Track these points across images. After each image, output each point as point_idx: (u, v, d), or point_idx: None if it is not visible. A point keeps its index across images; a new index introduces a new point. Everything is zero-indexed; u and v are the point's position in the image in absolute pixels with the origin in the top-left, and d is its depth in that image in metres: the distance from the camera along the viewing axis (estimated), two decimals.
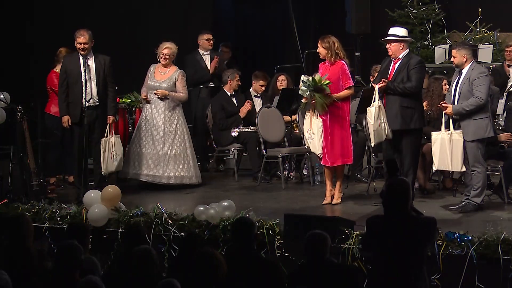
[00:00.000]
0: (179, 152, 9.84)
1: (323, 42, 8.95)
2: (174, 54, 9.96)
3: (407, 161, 8.68)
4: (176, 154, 9.82)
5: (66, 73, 9.31)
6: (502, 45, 14.08)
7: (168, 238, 7.85)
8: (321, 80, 8.73)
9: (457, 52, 8.57)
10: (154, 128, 9.81)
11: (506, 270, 6.90)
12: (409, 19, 15.13)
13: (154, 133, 9.80)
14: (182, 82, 9.90)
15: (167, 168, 9.78)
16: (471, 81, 8.43)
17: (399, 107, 8.73)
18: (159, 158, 9.78)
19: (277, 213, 8.06)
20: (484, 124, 8.45)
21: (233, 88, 10.96)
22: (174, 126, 9.85)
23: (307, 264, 6.12)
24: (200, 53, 11.45)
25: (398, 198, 5.90)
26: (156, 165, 9.78)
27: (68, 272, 5.66)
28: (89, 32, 9.23)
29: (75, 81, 9.25)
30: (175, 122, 9.87)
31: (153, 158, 9.78)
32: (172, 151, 9.81)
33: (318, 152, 8.93)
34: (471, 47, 8.91)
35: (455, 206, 8.66)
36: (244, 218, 6.83)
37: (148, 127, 9.86)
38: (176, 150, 9.83)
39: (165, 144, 9.79)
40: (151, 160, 9.79)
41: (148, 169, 9.78)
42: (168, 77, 9.89)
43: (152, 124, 9.83)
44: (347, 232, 7.33)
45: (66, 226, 7.64)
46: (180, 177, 9.85)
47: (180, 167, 9.85)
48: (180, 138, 9.85)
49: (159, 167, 9.78)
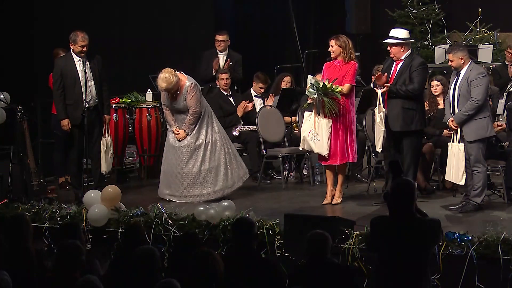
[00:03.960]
0: (214, 165, 9.23)
1: (338, 40, 8.88)
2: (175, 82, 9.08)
3: (407, 162, 8.69)
4: (211, 168, 9.21)
5: (62, 75, 9.19)
6: (502, 45, 14.09)
7: (168, 238, 7.85)
8: (332, 86, 8.70)
9: (453, 55, 8.55)
10: (182, 145, 9.20)
11: (506, 270, 6.90)
12: (409, 19, 15.14)
13: (183, 150, 9.20)
14: (192, 97, 9.16)
15: (205, 186, 9.19)
16: (469, 82, 8.43)
17: (401, 108, 8.73)
18: (194, 176, 9.18)
19: (277, 213, 8.06)
20: (484, 123, 8.46)
21: (222, 87, 10.93)
22: (201, 140, 9.22)
23: (308, 264, 6.12)
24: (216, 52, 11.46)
25: (403, 199, 5.91)
26: (193, 184, 9.19)
27: (69, 272, 5.66)
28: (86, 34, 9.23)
29: (72, 82, 9.17)
30: (201, 137, 9.24)
31: (189, 178, 9.19)
32: (205, 166, 9.19)
33: (325, 152, 8.82)
34: (466, 47, 8.89)
35: (455, 206, 8.66)
36: (244, 218, 6.82)
37: (177, 144, 9.24)
38: (209, 163, 9.22)
39: (196, 161, 9.19)
40: (186, 181, 9.20)
41: (187, 189, 9.19)
42: (181, 95, 9.20)
43: (178, 144, 9.23)
44: (347, 232, 7.33)
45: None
46: (220, 190, 9.23)
47: (218, 179, 9.24)
48: (212, 149, 9.23)
49: (198, 186, 9.19)
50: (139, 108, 10.81)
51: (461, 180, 8.52)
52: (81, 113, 9.11)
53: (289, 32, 14.50)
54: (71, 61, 9.21)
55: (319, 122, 8.80)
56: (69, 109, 9.22)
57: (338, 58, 8.91)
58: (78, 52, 9.16)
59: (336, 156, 8.86)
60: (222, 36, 11.49)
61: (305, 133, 8.94)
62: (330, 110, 8.70)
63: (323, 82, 8.73)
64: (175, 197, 9.25)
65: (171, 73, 9.07)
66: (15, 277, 5.57)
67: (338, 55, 8.90)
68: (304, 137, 8.95)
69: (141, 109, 10.81)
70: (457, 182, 8.65)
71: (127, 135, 10.72)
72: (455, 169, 8.51)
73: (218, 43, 11.44)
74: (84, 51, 9.16)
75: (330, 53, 8.95)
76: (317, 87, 8.70)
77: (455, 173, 8.52)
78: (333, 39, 8.91)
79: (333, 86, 8.69)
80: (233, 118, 10.81)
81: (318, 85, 8.70)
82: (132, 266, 5.72)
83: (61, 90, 9.21)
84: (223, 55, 11.45)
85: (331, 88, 8.68)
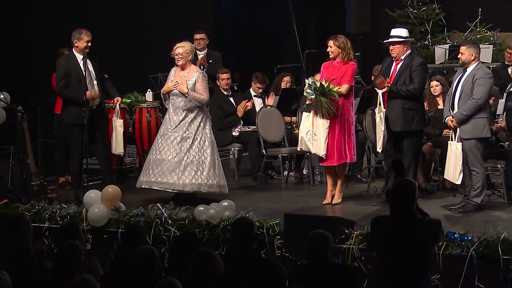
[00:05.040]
0: (197, 159, 9.07)
1: (336, 41, 8.87)
2: (190, 51, 9.19)
3: (407, 162, 8.69)
4: (193, 161, 9.05)
5: (66, 75, 9.20)
6: (502, 45, 14.10)
7: (168, 238, 7.85)
8: (329, 85, 8.70)
9: (466, 49, 8.54)
10: (171, 133, 9.12)
11: (506, 270, 6.90)
12: (409, 19, 15.15)
13: (171, 138, 9.11)
14: (203, 83, 9.09)
15: (182, 175, 9.02)
16: (475, 80, 8.43)
17: (401, 108, 8.73)
18: (174, 164, 9.05)
19: (277, 213, 8.06)
20: (481, 123, 8.45)
21: (223, 87, 10.94)
22: (194, 131, 9.09)
23: (309, 264, 6.12)
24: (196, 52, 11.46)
25: (404, 199, 5.91)
26: (170, 172, 9.05)
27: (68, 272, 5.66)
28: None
29: (77, 81, 9.18)
30: (195, 128, 9.11)
31: (168, 165, 9.07)
32: (190, 158, 9.06)
33: (322, 153, 8.82)
34: (479, 47, 8.88)
35: (455, 206, 8.66)
36: (244, 218, 6.82)
37: (166, 133, 9.16)
38: (194, 157, 9.06)
39: (181, 150, 9.06)
40: (165, 166, 9.08)
41: (163, 176, 9.07)
42: (188, 78, 9.14)
43: (171, 130, 9.13)
44: (347, 232, 7.33)
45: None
46: (197, 184, 9.06)
47: (198, 174, 9.07)
48: (199, 144, 9.11)
49: (174, 174, 9.04)
50: (139, 108, 10.82)
51: (458, 179, 8.52)
52: (88, 111, 9.11)
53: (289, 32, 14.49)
54: (74, 60, 9.22)
55: (317, 122, 8.80)
56: (73, 108, 9.20)
57: (337, 58, 8.91)
58: (83, 48, 9.18)
59: (333, 157, 8.86)
60: (200, 35, 11.56)
61: (303, 133, 8.94)
62: (328, 110, 8.69)
63: (320, 82, 8.73)
64: (150, 183, 9.11)
65: (190, 45, 9.24)
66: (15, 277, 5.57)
67: (337, 56, 8.90)
68: (302, 137, 8.95)
69: (141, 109, 10.81)
70: (454, 181, 8.66)
71: (127, 135, 10.72)
72: (452, 168, 8.51)
73: (197, 42, 11.46)
74: (89, 47, 9.19)
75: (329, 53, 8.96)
76: (314, 88, 8.70)
77: (453, 172, 8.52)
78: (332, 40, 8.91)
79: (330, 86, 8.68)
80: (233, 118, 10.81)
81: (316, 85, 8.70)
82: (132, 266, 5.72)
83: (66, 90, 9.21)
84: (203, 54, 11.47)
85: (328, 88, 8.68)
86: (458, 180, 8.54)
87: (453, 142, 8.52)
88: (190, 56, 9.19)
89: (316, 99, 8.73)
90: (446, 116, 8.64)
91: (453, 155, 8.48)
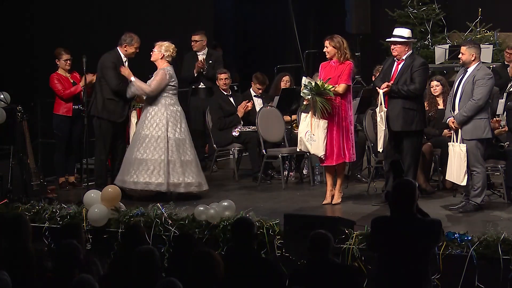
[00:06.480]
0: (175, 158, 9.09)
1: (332, 41, 8.88)
2: (163, 52, 9.29)
3: (407, 162, 8.69)
4: (171, 160, 9.06)
5: None
6: (502, 45, 14.10)
7: (168, 238, 7.85)
8: (324, 85, 8.70)
9: (466, 49, 8.53)
10: (143, 134, 9.16)
11: (506, 270, 6.90)
12: (409, 19, 15.14)
13: (141, 139, 9.14)
14: (156, 77, 9.21)
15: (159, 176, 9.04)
16: (475, 81, 8.43)
17: (401, 108, 8.74)
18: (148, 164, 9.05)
19: (277, 213, 8.06)
20: (482, 124, 8.45)
21: (222, 87, 10.94)
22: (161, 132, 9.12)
23: (309, 264, 6.12)
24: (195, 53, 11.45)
25: (403, 199, 5.91)
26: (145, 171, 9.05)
27: (68, 272, 5.66)
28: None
29: (122, 78, 9.41)
30: (179, 126, 9.20)
31: (142, 165, 9.06)
32: (184, 157, 9.13)
33: (321, 153, 8.82)
34: (480, 47, 8.88)
35: (455, 206, 8.66)
36: (244, 218, 6.82)
37: (138, 136, 9.21)
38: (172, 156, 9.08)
39: (155, 151, 9.07)
40: (139, 167, 9.06)
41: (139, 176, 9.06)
42: (155, 73, 9.35)
43: (152, 129, 9.16)
44: (347, 232, 7.33)
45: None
46: (176, 185, 9.09)
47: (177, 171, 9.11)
48: (177, 145, 9.13)
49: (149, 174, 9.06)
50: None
51: (463, 181, 8.50)
52: (127, 109, 9.46)
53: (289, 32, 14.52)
54: (120, 59, 9.45)
55: (315, 123, 8.80)
56: (111, 104, 9.39)
57: (334, 58, 8.92)
58: (131, 53, 9.44)
59: (332, 157, 8.86)
60: (195, 36, 11.49)
61: (301, 134, 8.94)
62: (323, 110, 8.68)
63: (315, 82, 8.74)
64: (125, 183, 9.09)
65: (168, 47, 9.32)
66: (14, 277, 5.57)
67: (333, 56, 8.91)
68: (301, 138, 8.96)
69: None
70: (459, 183, 8.64)
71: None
72: (456, 169, 8.49)
73: (193, 43, 11.43)
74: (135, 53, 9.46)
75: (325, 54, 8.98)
76: (310, 88, 8.71)
77: (457, 174, 8.50)
78: (328, 40, 8.93)
79: (325, 85, 8.69)
80: (234, 119, 10.81)
81: (311, 85, 8.71)
82: (132, 266, 5.72)
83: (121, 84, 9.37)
84: (202, 55, 11.44)
85: (324, 87, 8.68)
86: (463, 182, 8.50)
87: (456, 144, 8.50)
88: (160, 55, 9.31)
89: (313, 99, 8.73)
90: (447, 117, 8.64)
91: (457, 156, 8.46)
